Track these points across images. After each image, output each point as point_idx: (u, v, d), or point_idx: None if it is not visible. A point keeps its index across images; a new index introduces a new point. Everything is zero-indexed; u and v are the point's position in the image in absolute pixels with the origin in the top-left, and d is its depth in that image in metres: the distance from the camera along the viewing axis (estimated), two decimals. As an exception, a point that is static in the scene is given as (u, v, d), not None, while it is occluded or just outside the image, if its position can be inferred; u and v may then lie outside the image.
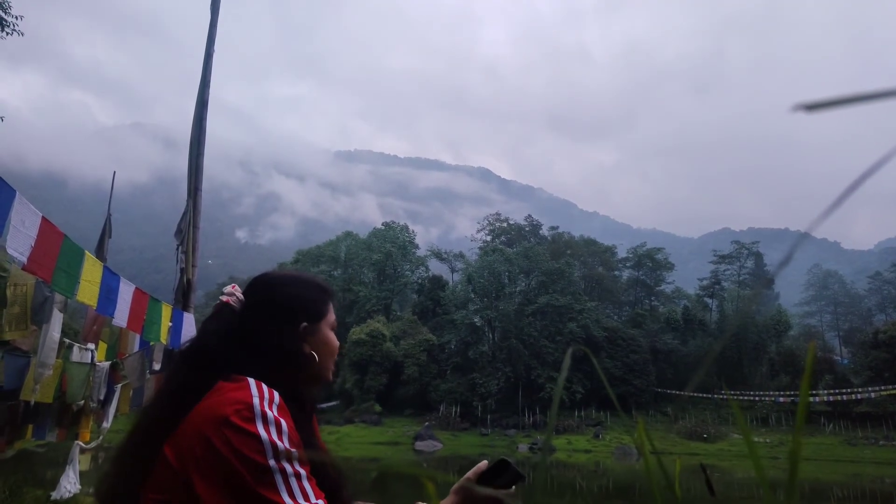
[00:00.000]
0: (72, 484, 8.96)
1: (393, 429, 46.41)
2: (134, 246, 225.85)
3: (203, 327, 1.39)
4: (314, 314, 1.40)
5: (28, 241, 5.32)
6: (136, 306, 7.14)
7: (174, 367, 1.35)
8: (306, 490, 1.13)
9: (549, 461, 1.52)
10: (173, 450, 1.14)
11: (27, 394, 9.26)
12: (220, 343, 1.31)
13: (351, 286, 60.17)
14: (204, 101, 8.62)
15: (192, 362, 1.30)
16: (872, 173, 0.34)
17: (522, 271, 56.62)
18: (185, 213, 8.20)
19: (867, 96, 0.33)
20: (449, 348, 53.64)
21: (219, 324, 1.35)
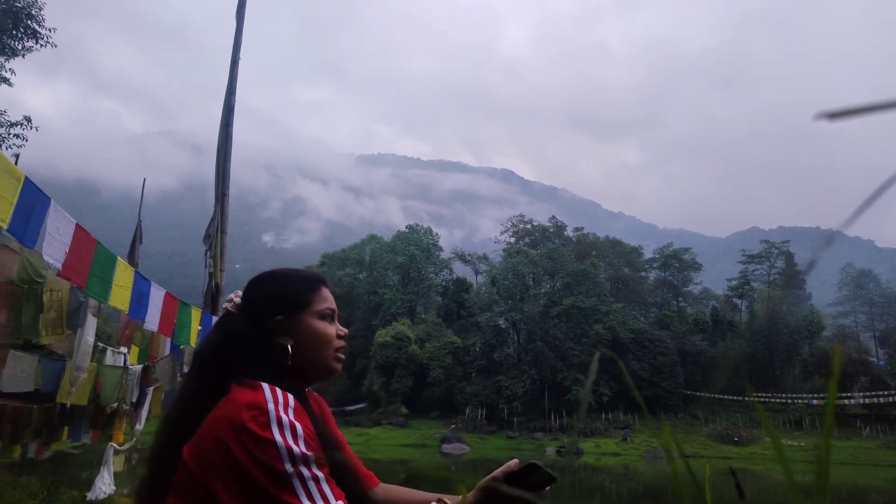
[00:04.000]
0: (106, 485, 9.14)
1: (420, 431, 46.48)
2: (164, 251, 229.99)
3: (207, 335, 1.42)
4: (291, 306, 1.39)
5: (63, 248, 5.45)
6: (166, 310, 7.27)
7: (188, 375, 1.38)
8: (325, 493, 1.14)
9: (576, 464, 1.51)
10: (193, 456, 1.16)
11: (63, 396, 9.50)
12: (221, 349, 1.34)
13: (376, 289, 60.45)
14: (230, 107, 8.76)
15: (203, 369, 1.33)
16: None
17: (547, 273, 56.27)
18: (212, 219, 8.33)
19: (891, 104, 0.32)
20: (474, 351, 53.53)
21: (220, 330, 1.39)
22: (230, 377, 1.26)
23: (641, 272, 66.30)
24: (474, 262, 66.46)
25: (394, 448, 40.69)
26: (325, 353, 1.39)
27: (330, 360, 1.40)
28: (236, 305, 1.42)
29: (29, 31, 12.48)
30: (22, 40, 12.54)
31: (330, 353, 1.39)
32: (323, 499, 1.13)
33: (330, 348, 1.39)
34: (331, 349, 1.39)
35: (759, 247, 62.40)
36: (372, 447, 39.27)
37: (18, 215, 4.87)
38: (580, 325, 51.46)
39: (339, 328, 1.44)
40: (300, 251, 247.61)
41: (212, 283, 8.12)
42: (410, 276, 62.02)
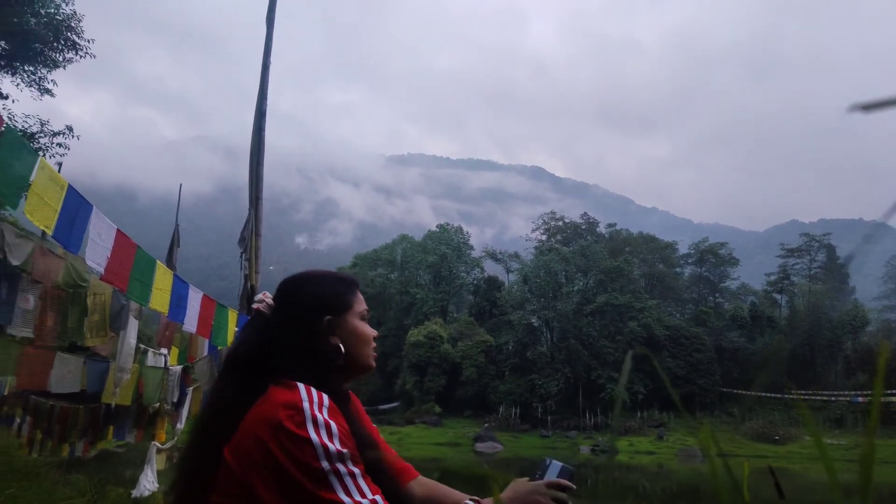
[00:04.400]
0: (150, 482, 9.40)
1: (453, 430, 46.54)
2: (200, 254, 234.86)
3: (239, 335, 1.46)
4: (337, 307, 1.43)
5: (105, 253, 5.63)
6: (204, 312, 7.44)
7: (221, 375, 1.40)
8: (362, 488, 1.17)
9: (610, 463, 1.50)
10: (233, 455, 1.20)
11: (108, 397, 9.79)
12: (256, 349, 1.36)
13: (408, 289, 60.71)
14: (262, 112, 8.89)
15: (238, 369, 1.35)
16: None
17: (580, 270, 55.74)
18: (247, 222, 8.46)
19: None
20: (506, 349, 53.35)
21: (253, 331, 1.41)
22: (267, 378, 1.29)
23: (676, 268, 65.11)
24: (506, 260, 66.13)
25: (427, 447, 40.86)
26: (367, 351, 1.46)
27: (370, 357, 1.47)
28: (269, 306, 1.44)
29: (69, 42, 12.89)
30: (63, 52, 12.97)
31: (370, 352, 1.47)
32: (360, 494, 1.16)
33: (370, 347, 1.47)
34: (371, 348, 1.47)
35: (798, 240, 60.69)
36: (405, 446, 39.49)
37: (63, 222, 5.04)
38: (614, 323, 50.85)
39: (371, 329, 1.51)
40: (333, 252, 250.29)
41: (247, 285, 8.26)
42: (442, 276, 62.11)
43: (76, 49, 13.15)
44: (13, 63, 12.62)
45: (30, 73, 12.99)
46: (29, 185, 4.82)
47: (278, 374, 1.29)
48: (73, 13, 12.86)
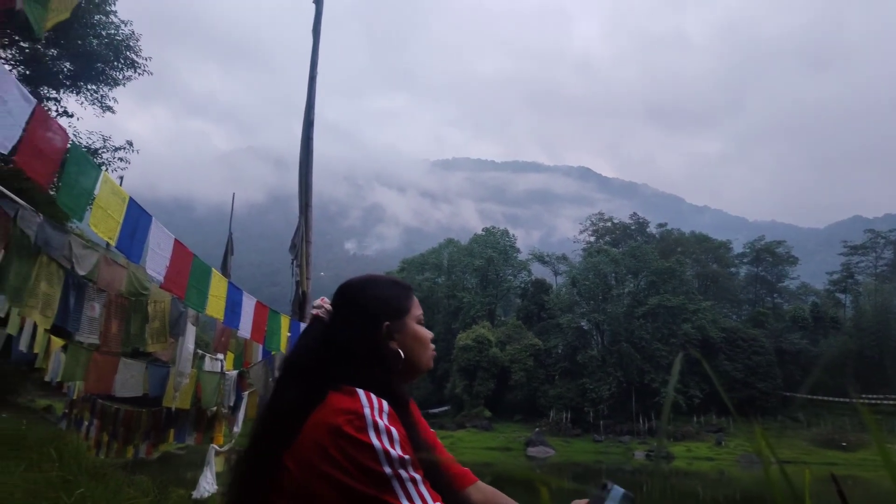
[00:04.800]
0: (209, 484, 9.67)
1: (504, 434, 46.28)
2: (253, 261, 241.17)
3: (297, 341, 1.45)
4: (396, 311, 1.43)
5: (164, 262, 5.85)
6: (257, 318, 7.62)
7: (280, 381, 1.39)
8: (423, 494, 1.17)
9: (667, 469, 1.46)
10: (294, 460, 1.21)
11: (168, 401, 10.16)
12: (314, 356, 1.36)
13: (455, 292, 60.78)
14: (310, 122, 9.09)
15: (297, 375, 1.35)
16: None
17: (630, 272, 54.68)
18: (297, 229, 8.66)
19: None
20: (556, 353, 52.75)
21: (311, 337, 1.41)
22: (326, 383, 1.29)
23: (731, 268, 63.12)
24: (553, 262, 65.47)
25: (478, 451, 40.74)
26: (426, 354, 1.47)
27: (429, 360, 1.48)
28: (327, 312, 1.44)
29: (128, 61, 13.51)
30: (122, 70, 13.61)
31: (429, 354, 1.48)
32: (422, 500, 1.16)
33: (429, 349, 1.48)
34: (429, 350, 1.48)
35: (862, 237, 57.98)
36: (456, 450, 39.48)
37: (125, 233, 5.26)
38: (667, 325, 49.64)
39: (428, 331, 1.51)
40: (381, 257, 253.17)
41: (299, 291, 8.44)
42: (489, 279, 61.95)
43: (135, 67, 13.77)
44: (77, 83, 13.30)
45: (93, 92, 13.67)
46: (93, 198, 5.05)
47: (338, 379, 1.30)
48: (132, 33, 13.50)
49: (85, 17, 11.89)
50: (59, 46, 12.23)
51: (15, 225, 6.00)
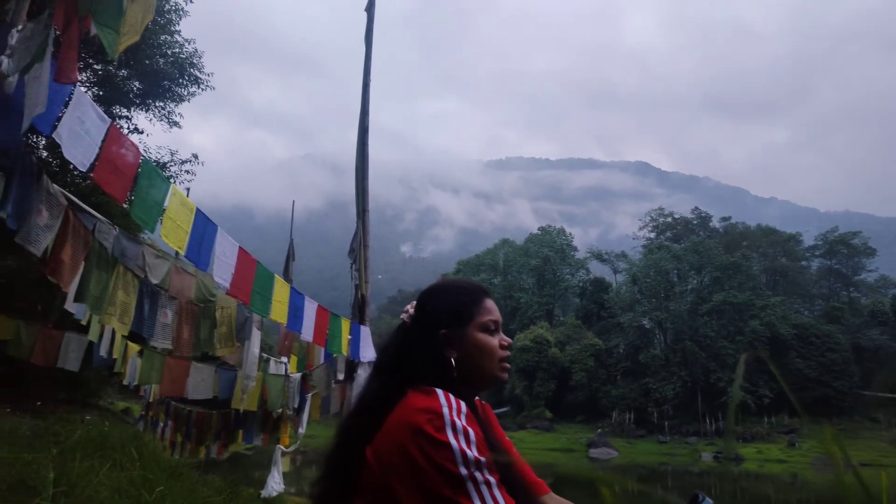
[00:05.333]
0: (277, 483, 9.97)
1: (565, 435, 45.72)
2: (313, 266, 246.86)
3: (384, 343, 1.52)
4: (456, 319, 1.43)
5: (229, 270, 6.07)
6: (319, 322, 7.81)
7: (367, 380, 1.49)
8: (497, 498, 1.17)
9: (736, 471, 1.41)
10: (375, 456, 1.25)
11: (236, 403, 10.53)
12: (392, 357, 1.43)
13: (511, 293, 60.47)
14: (365, 128, 9.24)
15: (380, 375, 1.43)
16: None
17: (693, 268, 53.02)
18: (355, 234, 8.82)
19: None
20: (617, 352, 51.74)
21: (393, 339, 1.48)
22: (405, 383, 1.34)
23: (802, 261, 60.23)
24: (612, 260, 64.23)
25: (540, 452, 40.34)
26: (490, 364, 1.42)
27: (495, 370, 1.43)
28: (410, 317, 1.50)
29: (192, 78, 14.09)
30: (187, 87, 14.21)
31: (494, 364, 1.43)
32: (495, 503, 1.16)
33: (494, 359, 1.42)
34: (495, 360, 1.43)
35: (948, 225, 54.21)
36: (518, 451, 39.25)
37: (193, 242, 5.50)
38: (734, 322, 47.86)
39: (502, 338, 1.46)
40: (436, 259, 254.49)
41: (358, 295, 8.59)
42: (546, 279, 61.36)
43: (198, 83, 14.35)
44: (146, 101, 13.99)
45: (160, 109, 14.33)
46: (164, 210, 5.31)
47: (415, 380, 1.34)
48: (195, 51, 14.08)
49: (152, 38, 12.51)
50: (128, 67, 12.90)
51: (94, 238, 6.36)
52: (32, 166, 5.40)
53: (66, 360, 9.34)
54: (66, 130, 4.39)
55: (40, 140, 11.21)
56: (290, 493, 11.94)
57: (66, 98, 4.57)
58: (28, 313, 12.55)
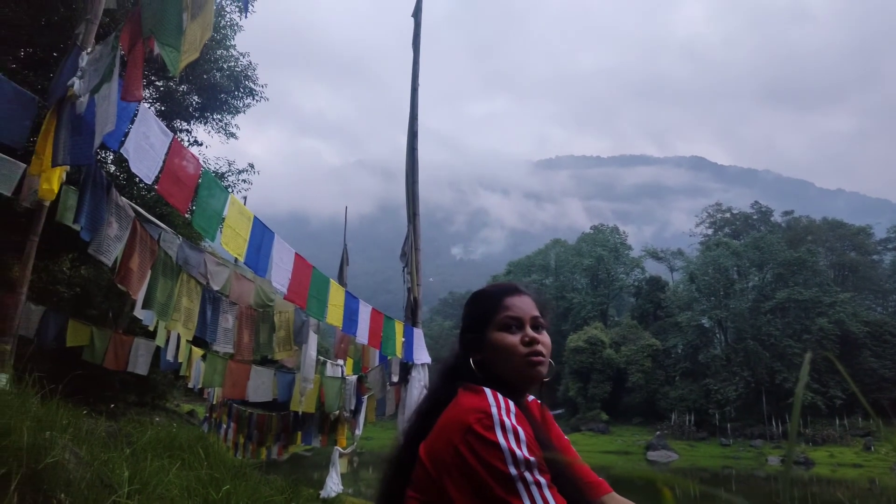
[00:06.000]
0: (335, 484, 10.16)
1: (622, 437, 44.83)
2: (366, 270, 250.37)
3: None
4: (477, 324, 1.46)
5: (286, 275, 6.23)
6: (373, 325, 7.92)
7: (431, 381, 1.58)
8: (547, 499, 1.17)
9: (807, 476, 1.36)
10: (428, 454, 1.28)
11: (295, 405, 10.80)
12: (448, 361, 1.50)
13: (564, 293, 59.77)
14: (414, 132, 9.34)
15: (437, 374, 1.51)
16: None
17: (754, 264, 51.14)
18: (406, 237, 8.91)
19: None
20: (675, 353, 50.39)
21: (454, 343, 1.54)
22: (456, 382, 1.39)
23: (873, 255, 57.20)
24: (668, 258, 62.63)
25: (596, 455, 39.67)
26: (512, 362, 1.38)
27: (521, 367, 1.38)
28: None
29: (247, 90, 14.56)
30: (242, 99, 14.69)
31: (517, 362, 1.38)
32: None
33: (514, 357, 1.38)
34: (515, 358, 1.38)
35: None
36: (574, 453, 38.70)
37: (251, 249, 5.68)
38: (799, 320, 45.86)
39: (526, 333, 1.41)
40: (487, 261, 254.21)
41: (410, 298, 8.67)
42: (599, 278, 60.37)
43: (253, 95, 14.82)
44: (205, 114, 14.54)
45: (218, 121, 14.87)
46: (223, 219, 5.51)
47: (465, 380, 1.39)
48: (249, 64, 14.54)
49: (209, 53, 13.00)
50: (188, 82, 13.45)
51: (159, 247, 6.65)
52: (103, 180, 5.71)
53: (135, 365, 9.78)
54: (132, 145, 4.62)
55: (108, 155, 11.80)
56: (348, 493, 12.14)
57: (132, 115, 4.81)
58: (100, 320, 13.25)
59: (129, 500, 3.30)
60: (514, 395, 1.37)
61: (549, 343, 1.45)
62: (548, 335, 1.46)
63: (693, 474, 31.38)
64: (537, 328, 1.44)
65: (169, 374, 16.23)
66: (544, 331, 1.45)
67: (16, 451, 2.97)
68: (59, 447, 3.22)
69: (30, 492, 3.01)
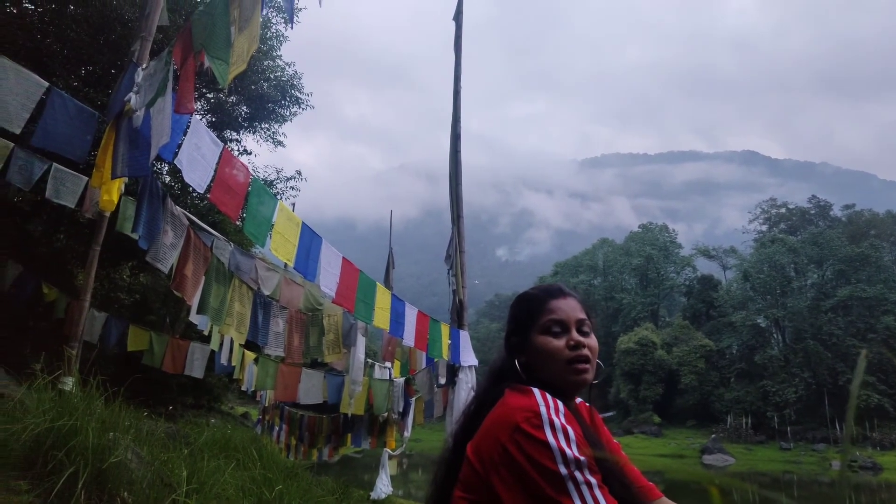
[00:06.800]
0: (385, 486, 10.26)
1: (675, 441, 43.73)
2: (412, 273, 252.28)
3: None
4: (521, 326, 1.45)
5: (334, 279, 6.34)
6: (420, 327, 7.96)
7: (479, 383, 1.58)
8: (598, 499, 1.15)
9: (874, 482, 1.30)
10: (475, 453, 1.28)
11: (344, 407, 10.95)
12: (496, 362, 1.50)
13: (613, 294, 58.80)
14: (457, 135, 9.35)
15: (485, 376, 1.51)
16: None
17: (812, 261, 49.14)
18: (451, 240, 8.93)
19: None
20: (730, 353, 48.90)
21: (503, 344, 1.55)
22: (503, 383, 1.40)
23: (944, 249, 54.17)
24: (720, 256, 60.78)
25: (648, 458, 38.82)
26: (554, 367, 1.37)
27: (563, 373, 1.36)
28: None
29: (293, 99, 14.90)
30: (289, 107, 15.03)
31: (559, 367, 1.36)
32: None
33: (557, 362, 1.36)
34: (559, 362, 1.36)
35: None
36: (625, 457, 37.97)
37: (300, 255, 5.80)
38: (863, 319, 43.82)
39: (571, 337, 1.38)
40: (533, 262, 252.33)
41: (456, 300, 8.68)
42: (649, 278, 59.14)
43: (299, 103, 15.15)
44: (253, 123, 14.95)
45: (265, 130, 15.26)
46: (272, 225, 5.65)
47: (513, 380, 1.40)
48: (295, 73, 14.87)
49: (256, 64, 13.36)
50: (236, 93, 13.86)
51: (212, 254, 6.86)
52: (158, 191, 5.93)
53: (191, 368, 10.11)
54: (185, 157, 4.79)
55: (163, 166, 12.25)
56: (398, 495, 12.25)
57: (184, 127, 4.99)
58: (158, 325, 13.77)
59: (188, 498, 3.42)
60: (561, 397, 1.35)
61: (596, 346, 1.42)
62: (595, 338, 1.42)
63: (752, 479, 30.34)
64: (583, 331, 1.41)
65: (223, 378, 16.73)
66: (591, 334, 1.42)
67: (82, 451, 3.12)
68: (122, 447, 3.36)
69: (96, 490, 3.15)
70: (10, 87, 4.96)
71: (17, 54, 7.52)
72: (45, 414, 3.24)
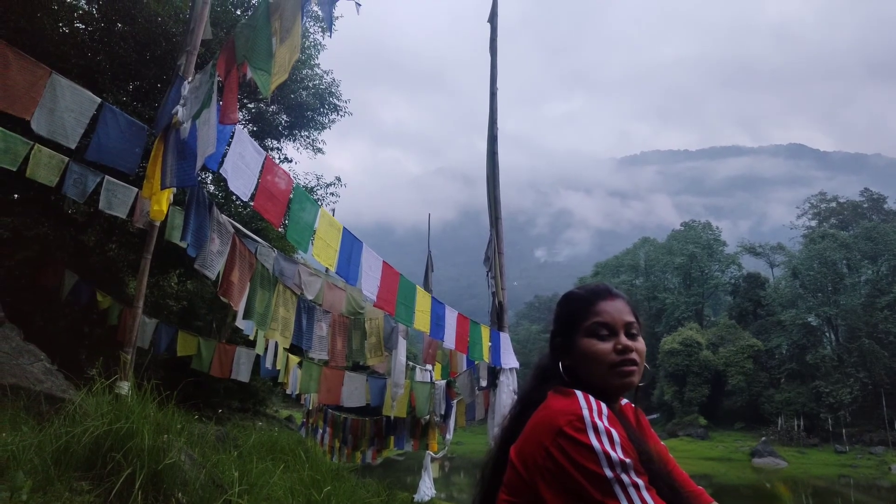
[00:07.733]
0: (428, 488, 10.29)
1: (723, 443, 42.59)
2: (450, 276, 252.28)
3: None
4: (566, 327, 1.43)
5: (375, 283, 6.41)
6: (460, 330, 7.98)
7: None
8: (647, 500, 1.14)
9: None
10: (519, 456, 1.28)
11: (387, 410, 11.05)
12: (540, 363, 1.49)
13: (655, 294, 57.71)
14: (493, 136, 9.35)
15: (529, 378, 1.51)
16: None
17: (866, 257, 47.23)
18: (489, 242, 8.92)
19: None
20: (779, 353, 47.37)
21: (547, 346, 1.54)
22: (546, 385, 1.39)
23: None
24: (767, 253, 58.92)
25: (695, 461, 37.89)
26: (599, 370, 1.35)
27: (606, 377, 1.35)
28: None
29: (332, 106, 15.12)
30: (327, 115, 15.26)
31: (603, 371, 1.35)
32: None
33: (602, 365, 1.35)
34: (603, 366, 1.35)
35: None
36: (672, 460, 37.12)
37: (342, 259, 5.89)
38: (922, 316, 41.88)
39: (619, 341, 1.36)
40: (572, 263, 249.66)
41: (495, 302, 8.67)
42: (693, 277, 57.80)
43: (337, 110, 15.37)
44: (293, 132, 15.23)
45: (305, 138, 15.53)
46: (314, 231, 5.75)
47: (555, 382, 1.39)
48: (333, 81, 15.09)
49: (295, 73, 13.63)
50: (277, 102, 14.14)
51: (257, 260, 7.02)
52: (205, 200, 6.11)
53: (238, 372, 10.36)
54: (230, 166, 4.93)
55: (208, 175, 12.59)
56: (441, 497, 12.27)
57: (228, 137, 5.13)
58: (206, 331, 14.15)
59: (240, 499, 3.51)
60: (605, 399, 1.34)
61: (644, 349, 1.40)
62: (642, 340, 1.40)
63: (806, 484, 29.33)
64: (631, 334, 1.39)
65: (268, 381, 17.08)
66: (639, 336, 1.40)
67: (139, 453, 3.24)
68: (175, 449, 3.48)
69: (152, 490, 3.27)
70: (66, 105, 5.19)
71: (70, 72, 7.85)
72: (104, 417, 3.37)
